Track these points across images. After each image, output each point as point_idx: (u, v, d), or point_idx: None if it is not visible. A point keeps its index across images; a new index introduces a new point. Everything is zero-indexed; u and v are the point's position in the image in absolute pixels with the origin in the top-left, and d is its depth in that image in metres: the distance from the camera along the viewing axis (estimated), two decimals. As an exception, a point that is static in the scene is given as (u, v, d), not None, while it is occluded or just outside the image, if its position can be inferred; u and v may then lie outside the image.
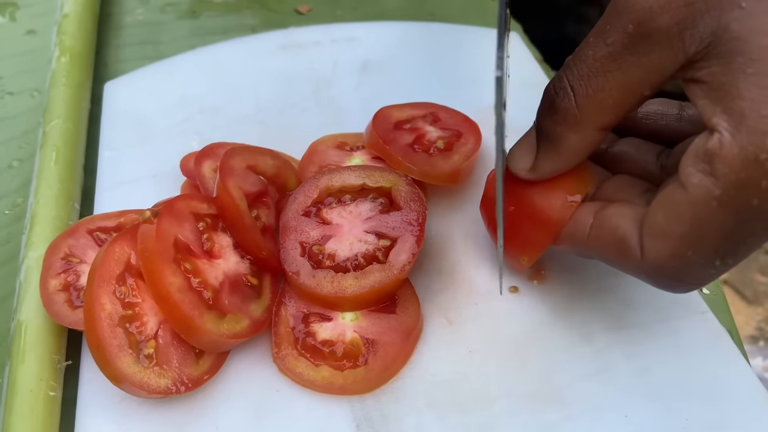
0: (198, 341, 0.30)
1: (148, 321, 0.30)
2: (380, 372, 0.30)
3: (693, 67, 0.23)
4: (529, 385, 0.30)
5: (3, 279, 0.36)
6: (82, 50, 0.47)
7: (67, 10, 0.50)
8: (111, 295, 0.29)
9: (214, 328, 0.29)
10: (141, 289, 0.30)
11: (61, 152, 0.39)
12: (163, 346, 0.29)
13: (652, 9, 0.22)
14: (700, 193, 0.22)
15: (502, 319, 0.32)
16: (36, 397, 0.29)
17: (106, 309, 0.28)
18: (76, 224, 0.34)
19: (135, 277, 0.30)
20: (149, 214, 0.31)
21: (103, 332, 0.28)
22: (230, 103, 0.45)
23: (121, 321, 0.29)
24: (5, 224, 0.39)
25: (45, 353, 0.31)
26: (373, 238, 0.33)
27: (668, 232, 0.23)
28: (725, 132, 0.21)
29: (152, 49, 0.51)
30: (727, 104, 0.21)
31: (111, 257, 0.30)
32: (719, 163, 0.21)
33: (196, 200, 0.33)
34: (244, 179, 0.34)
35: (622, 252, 0.25)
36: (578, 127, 0.26)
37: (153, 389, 0.28)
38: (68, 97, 0.43)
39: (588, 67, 0.25)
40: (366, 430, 0.29)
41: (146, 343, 0.29)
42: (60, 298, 0.31)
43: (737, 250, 0.23)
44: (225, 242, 0.33)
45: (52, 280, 0.32)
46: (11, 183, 0.41)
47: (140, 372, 0.28)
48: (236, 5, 0.56)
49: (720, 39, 0.22)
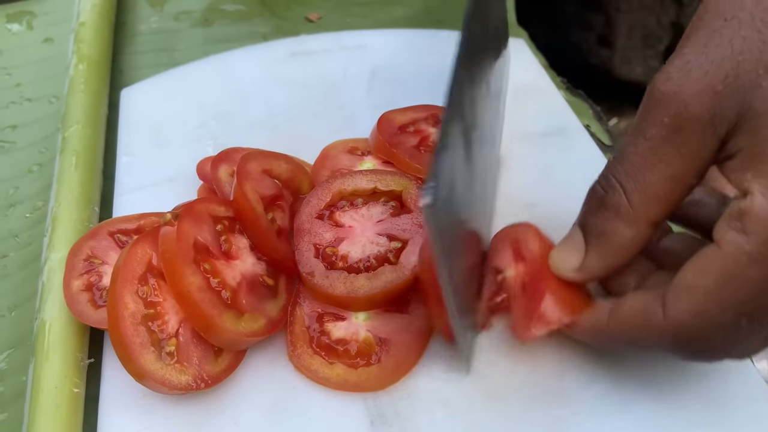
0: (217, 339, 0.31)
1: (169, 320, 0.31)
2: (393, 370, 0.31)
3: (725, 148, 0.24)
4: (541, 385, 0.31)
5: (25, 280, 0.37)
6: (99, 58, 0.48)
7: (84, 18, 0.51)
8: (134, 294, 0.30)
9: (232, 326, 0.30)
10: (162, 289, 0.31)
11: (80, 157, 0.40)
12: (183, 344, 0.30)
13: (685, 101, 0.24)
14: (731, 249, 0.23)
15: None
16: (61, 394, 0.30)
17: (129, 308, 0.29)
18: (98, 227, 0.35)
19: (156, 277, 0.31)
20: (170, 216, 0.32)
21: (126, 330, 0.29)
22: (243, 109, 0.46)
23: (143, 320, 0.30)
24: (26, 227, 0.40)
25: (69, 351, 0.32)
26: (384, 240, 0.34)
27: (694, 287, 0.23)
28: (757, 192, 0.22)
29: (167, 57, 0.53)
30: (758, 168, 0.23)
31: (133, 258, 0.31)
32: (751, 220, 0.22)
33: (214, 203, 0.34)
34: (260, 183, 0.35)
35: (643, 319, 0.25)
36: (632, 223, 0.26)
37: (174, 385, 0.29)
38: (87, 104, 0.44)
39: (632, 163, 0.25)
40: (380, 427, 0.30)
41: (167, 341, 0.30)
42: (83, 298, 0.32)
43: (763, 315, 0.23)
44: (242, 244, 0.34)
45: (75, 281, 0.33)
46: (31, 187, 0.43)
47: (162, 369, 0.29)
48: (248, 14, 0.57)
49: (745, 117, 0.23)
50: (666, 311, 0.24)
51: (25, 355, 0.34)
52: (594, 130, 0.46)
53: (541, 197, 0.39)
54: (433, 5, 0.58)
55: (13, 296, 0.37)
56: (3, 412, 0.32)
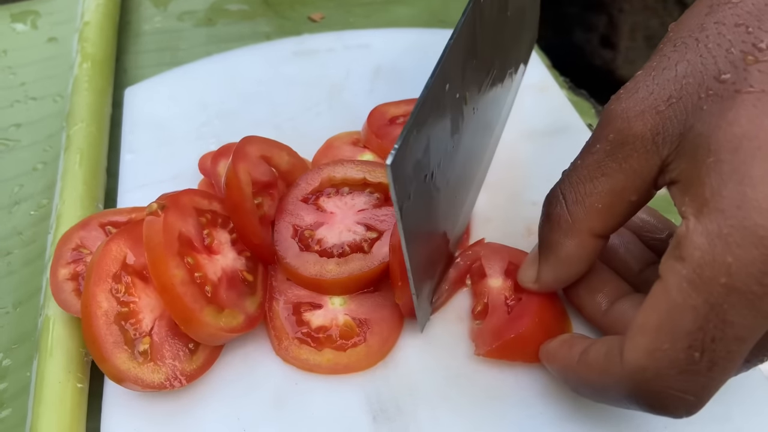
0: (196, 333, 0.30)
1: (143, 318, 0.31)
2: (380, 346, 0.32)
3: (668, 169, 0.24)
4: (540, 380, 0.31)
5: (29, 277, 0.38)
6: (104, 57, 0.49)
7: (88, 18, 0.51)
8: (107, 293, 0.30)
9: (213, 321, 0.30)
10: (137, 287, 0.31)
11: (85, 155, 0.41)
12: (157, 343, 0.30)
13: (628, 117, 0.24)
14: (673, 279, 0.22)
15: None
16: (64, 389, 0.30)
17: (102, 306, 0.29)
18: (89, 217, 0.35)
19: (131, 275, 0.31)
20: (156, 206, 0.31)
21: (99, 329, 0.29)
22: (246, 108, 0.46)
23: (116, 318, 0.30)
24: (31, 224, 0.41)
25: (72, 347, 0.32)
26: (362, 229, 0.35)
27: (644, 326, 0.23)
28: (690, 216, 0.22)
29: (170, 56, 0.53)
30: (693, 192, 0.22)
31: (108, 255, 0.31)
32: (686, 245, 0.22)
33: (198, 196, 0.34)
34: (255, 166, 0.36)
35: (605, 363, 0.24)
36: (572, 233, 0.27)
37: (147, 384, 0.29)
38: (91, 102, 0.44)
39: (577, 175, 0.27)
40: (382, 422, 0.30)
41: (141, 339, 0.30)
42: (68, 287, 0.32)
43: (715, 347, 0.21)
44: (224, 238, 0.34)
45: (62, 269, 0.33)
46: (36, 185, 0.43)
47: (135, 368, 0.29)
48: (251, 13, 0.58)
49: (686, 138, 0.23)
50: (623, 355, 0.23)
51: (29, 351, 0.34)
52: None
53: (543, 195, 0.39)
54: (435, 5, 0.58)
55: (17, 293, 0.37)
56: (7, 407, 0.33)
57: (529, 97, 0.46)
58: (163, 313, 0.31)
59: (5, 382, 0.34)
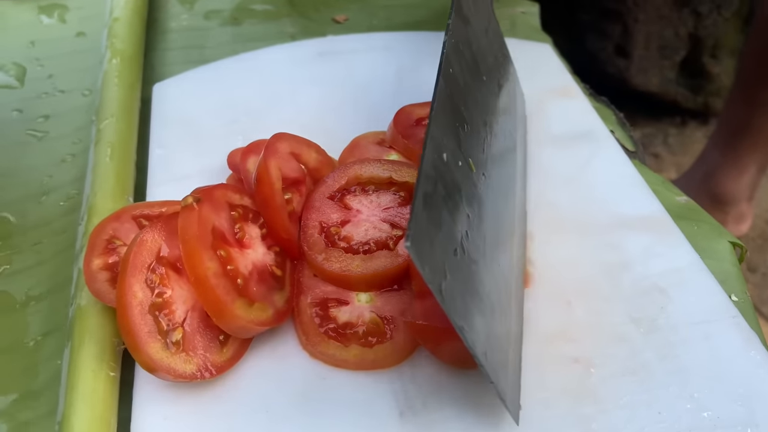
0: (227, 325, 0.31)
1: (176, 309, 0.31)
2: (406, 344, 0.32)
3: None
4: (565, 381, 0.31)
5: (60, 267, 0.38)
6: (133, 53, 0.49)
7: (118, 14, 0.52)
8: (142, 283, 0.30)
9: (244, 314, 0.31)
10: (171, 279, 0.32)
11: (115, 149, 0.41)
12: (189, 334, 0.31)
13: None
14: None
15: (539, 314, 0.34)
16: (97, 377, 0.31)
17: (137, 297, 0.30)
18: (122, 209, 0.36)
19: (165, 266, 0.32)
20: (191, 200, 0.32)
21: (134, 319, 0.30)
22: (273, 107, 0.47)
23: (151, 309, 0.30)
24: (60, 215, 0.41)
25: (105, 336, 0.32)
26: (387, 227, 0.36)
27: None
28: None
29: (197, 54, 0.54)
30: None
31: (143, 247, 0.31)
32: None
33: (230, 190, 0.35)
34: (285, 163, 0.36)
35: None
36: None
37: (179, 374, 0.30)
38: (121, 97, 0.45)
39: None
40: (409, 418, 0.30)
41: (174, 330, 0.31)
42: (102, 277, 0.33)
43: None
44: (254, 233, 0.34)
45: (95, 260, 0.33)
46: (65, 176, 0.43)
47: (168, 358, 0.30)
48: (276, 13, 0.58)
49: None
50: None
51: (60, 340, 0.35)
52: (618, 136, 0.47)
53: (567, 200, 0.40)
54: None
55: (48, 282, 0.38)
56: (39, 396, 0.33)
57: (552, 101, 0.46)
58: (196, 304, 0.32)
59: (36, 370, 0.34)
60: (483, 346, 0.26)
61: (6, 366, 0.34)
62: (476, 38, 0.35)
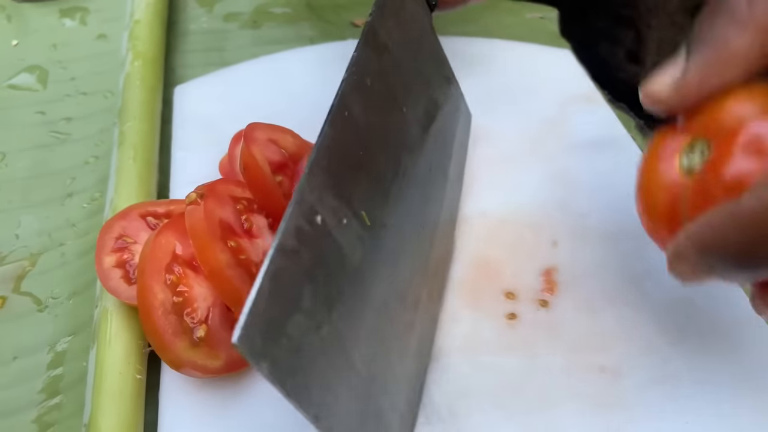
0: None
1: (198, 307, 0.31)
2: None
3: None
4: (593, 390, 0.31)
5: (83, 268, 0.38)
6: (154, 55, 0.50)
7: (138, 16, 0.52)
8: (162, 284, 0.31)
9: None
10: (189, 277, 0.32)
11: (139, 151, 0.41)
12: (213, 330, 0.31)
13: None
14: None
15: (565, 322, 0.34)
16: (124, 379, 0.31)
17: (159, 298, 0.30)
18: (128, 208, 0.36)
19: (182, 265, 0.32)
20: (195, 195, 0.32)
21: (158, 320, 0.30)
22: (295, 110, 0.47)
23: (174, 308, 0.30)
24: (84, 217, 0.41)
25: (131, 338, 0.32)
26: None
27: None
28: None
29: (217, 56, 0.54)
30: None
31: (158, 248, 0.31)
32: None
33: (232, 184, 0.35)
34: (266, 148, 0.37)
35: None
36: (746, 25, 0.22)
37: (209, 370, 0.30)
38: (143, 100, 0.45)
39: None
40: (436, 424, 0.30)
41: (198, 327, 0.31)
42: (116, 274, 0.33)
43: None
44: (261, 223, 0.35)
45: (106, 257, 0.33)
46: (88, 178, 0.44)
47: (195, 355, 0.30)
48: (295, 17, 0.58)
49: None
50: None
51: (86, 341, 0.35)
52: (638, 143, 0.46)
53: (592, 207, 0.39)
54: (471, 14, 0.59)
55: (72, 283, 0.38)
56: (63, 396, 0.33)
57: (575, 108, 0.46)
58: (216, 300, 0.32)
59: (61, 369, 0.34)
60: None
61: (31, 367, 0.34)
62: (396, 67, 0.33)
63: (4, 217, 0.41)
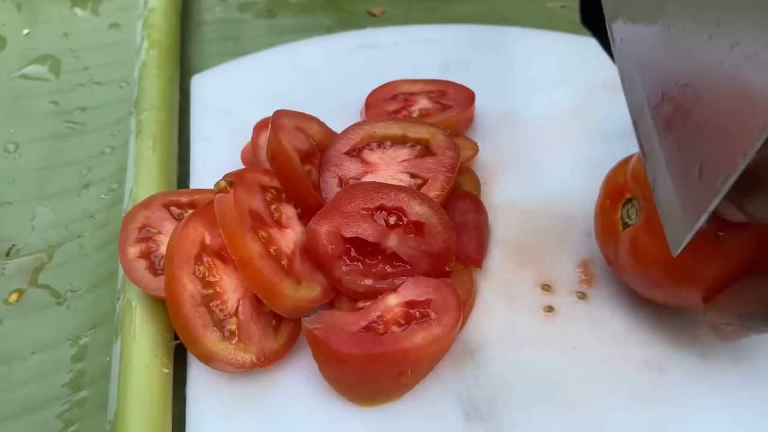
0: (279, 306, 0.30)
1: (228, 299, 0.30)
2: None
3: None
4: (637, 384, 0.30)
5: (103, 260, 0.37)
6: (170, 43, 0.48)
7: (153, 5, 0.51)
8: (191, 275, 0.29)
9: (293, 293, 0.30)
10: (218, 268, 0.31)
11: (158, 140, 0.40)
12: (243, 322, 0.30)
13: None
14: None
15: (605, 314, 0.32)
16: (152, 374, 0.30)
17: (188, 289, 0.29)
18: (151, 197, 0.35)
19: (211, 256, 0.31)
20: (224, 183, 0.31)
21: (188, 312, 0.29)
22: (314, 99, 0.46)
23: (203, 300, 0.29)
24: (103, 208, 0.40)
25: (157, 331, 0.31)
26: (407, 177, 0.36)
27: None
28: None
29: (233, 46, 0.53)
30: None
31: (186, 239, 0.30)
32: None
33: (260, 173, 0.34)
34: (294, 136, 0.36)
35: None
36: None
37: (240, 364, 0.29)
38: (161, 88, 0.44)
39: None
40: (475, 421, 0.29)
41: (228, 320, 0.30)
42: (140, 265, 0.32)
43: None
44: (290, 212, 0.34)
45: (130, 248, 0.32)
46: (105, 169, 0.42)
47: (226, 348, 0.29)
48: (311, 6, 0.57)
49: None
50: None
51: (107, 335, 0.34)
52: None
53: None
54: (497, 3, 0.58)
55: (91, 276, 0.37)
56: (86, 391, 0.32)
57: (603, 96, 0.45)
58: (246, 292, 0.31)
59: (83, 364, 0.33)
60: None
61: (51, 362, 0.33)
62: None
63: (19, 208, 0.40)
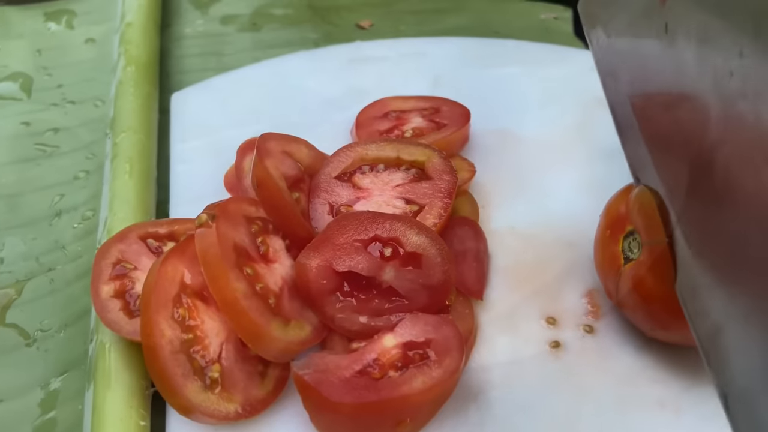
0: (266, 350, 0.28)
1: (209, 344, 0.28)
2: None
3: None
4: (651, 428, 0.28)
5: (77, 295, 0.35)
6: (149, 59, 0.46)
7: (130, 19, 0.49)
8: (169, 320, 0.27)
9: (282, 335, 0.28)
10: (199, 310, 0.28)
11: (135, 164, 0.38)
12: (227, 369, 0.28)
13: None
14: None
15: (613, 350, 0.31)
16: (127, 427, 0.27)
17: (166, 335, 0.27)
18: (126, 229, 0.32)
19: (191, 297, 0.28)
20: (206, 217, 0.29)
21: (166, 361, 0.26)
22: (303, 116, 0.43)
23: (183, 346, 0.27)
24: (75, 238, 0.38)
25: (133, 377, 0.29)
26: (401, 203, 0.34)
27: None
28: None
29: (215, 61, 0.50)
30: None
31: (164, 278, 0.28)
32: None
33: (245, 203, 0.31)
34: (281, 162, 0.34)
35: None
36: None
37: (223, 416, 0.27)
38: (138, 108, 0.42)
39: None
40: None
41: (210, 367, 0.27)
42: (115, 306, 0.30)
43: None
44: (278, 245, 0.31)
45: (104, 287, 0.30)
46: (78, 195, 0.40)
47: (209, 399, 0.27)
48: (297, 18, 0.55)
49: None
50: None
51: (80, 380, 0.31)
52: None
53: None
54: (489, 16, 0.56)
55: (63, 313, 0.34)
56: (56, 443, 0.30)
57: (598, 113, 0.43)
58: (230, 335, 0.28)
59: (54, 412, 0.30)
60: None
61: (19, 411, 0.30)
62: None
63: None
